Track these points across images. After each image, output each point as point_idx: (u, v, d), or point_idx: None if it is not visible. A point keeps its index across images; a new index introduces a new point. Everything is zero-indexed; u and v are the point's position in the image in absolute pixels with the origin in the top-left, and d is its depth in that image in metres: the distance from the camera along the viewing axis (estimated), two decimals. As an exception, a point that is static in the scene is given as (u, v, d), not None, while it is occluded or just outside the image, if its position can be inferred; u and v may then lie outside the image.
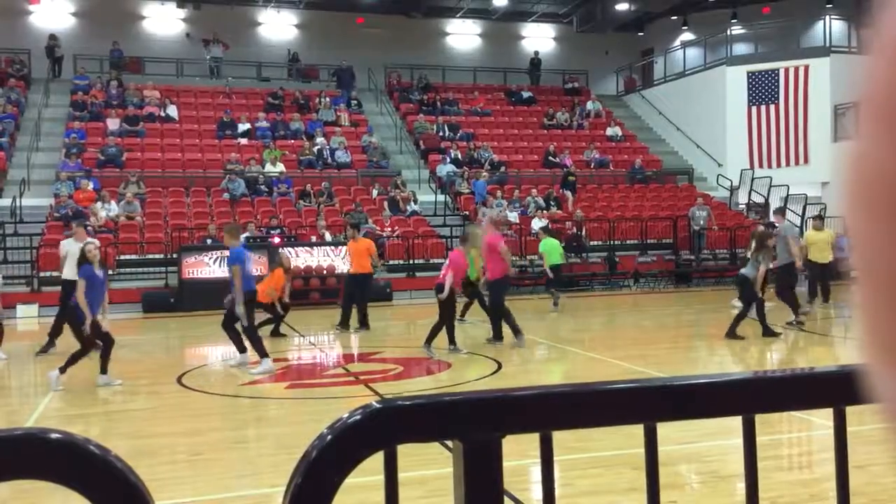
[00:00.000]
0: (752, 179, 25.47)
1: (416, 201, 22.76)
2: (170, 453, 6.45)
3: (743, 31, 29.07)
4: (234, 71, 28.26)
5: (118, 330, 14.04)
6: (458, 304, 11.89)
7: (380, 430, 1.09)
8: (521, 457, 4.03)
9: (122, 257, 19.22)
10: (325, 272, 19.16)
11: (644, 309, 17.10)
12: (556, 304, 16.56)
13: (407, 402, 1.12)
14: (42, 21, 27.98)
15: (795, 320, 12.67)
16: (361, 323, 13.90)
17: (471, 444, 1.10)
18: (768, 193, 24.78)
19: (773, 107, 25.81)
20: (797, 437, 6.69)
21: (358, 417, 1.08)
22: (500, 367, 9.91)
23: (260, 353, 9.94)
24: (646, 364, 9.81)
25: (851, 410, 1.25)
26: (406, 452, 1.13)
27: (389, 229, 21.30)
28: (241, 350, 10.27)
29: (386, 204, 22.32)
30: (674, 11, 31.13)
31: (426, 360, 10.93)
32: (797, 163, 25.36)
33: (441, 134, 26.65)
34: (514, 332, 11.36)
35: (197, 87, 27.61)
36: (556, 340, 12.52)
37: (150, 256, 19.62)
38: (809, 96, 25.14)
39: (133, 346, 13.12)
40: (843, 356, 10.07)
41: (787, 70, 25.64)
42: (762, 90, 25.98)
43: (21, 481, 1.02)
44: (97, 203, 20.06)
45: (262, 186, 22.53)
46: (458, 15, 31.89)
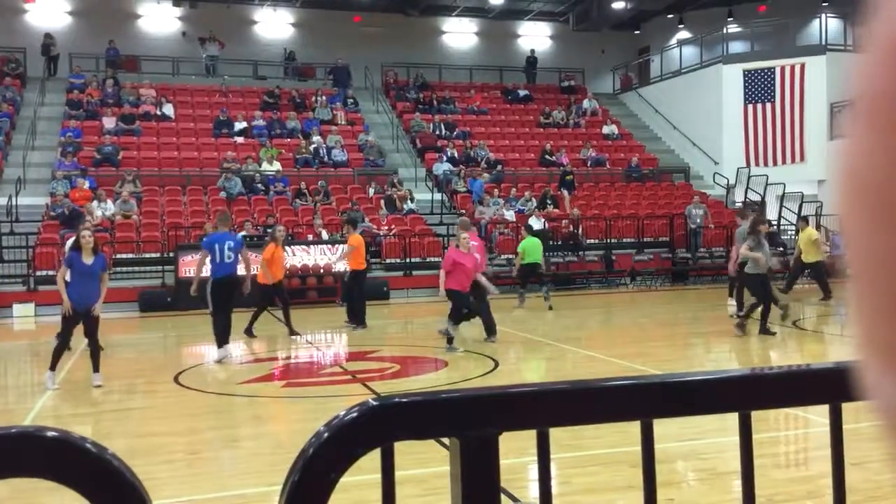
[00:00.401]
0: (749, 178, 25.50)
1: (412, 200, 22.75)
2: (167, 452, 6.44)
3: (739, 29, 29.09)
4: (230, 69, 28.22)
5: (115, 329, 14.05)
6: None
7: (377, 427, 1.09)
8: (518, 454, 4.04)
9: (118, 256, 19.19)
10: (322, 271, 19.15)
11: (641, 307, 17.11)
12: (521, 302, 16.90)
13: (404, 400, 1.12)
14: (38, 19, 27.92)
15: (775, 322, 12.80)
16: (356, 319, 13.99)
17: (468, 441, 1.10)
18: (764, 192, 24.81)
19: (769, 105, 25.84)
20: (793, 434, 6.70)
21: (355, 415, 1.08)
22: (496, 365, 9.92)
23: (218, 341, 10.75)
24: (643, 362, 9.82)
25: (847, 407, 1.26)
26: (402, 450, 1.13)
27: (386, 228, 21.29)
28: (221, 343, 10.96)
29: (382, 202, 22.31)
30: (670, 10, 31.14)
31: (423, 359, 10.95)
32: (793, 161, 25.39)
33: (437, 132, 26.64)
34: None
35: (193, 85, 27.57)
36: (553, 339, 12.52)
37: (147, 255, 19.59)
38: (805, 94, 25.17)
39: (130, 344, 13.11)
40: (839, 353, 10.09)
41: (783, 68, 25.67)
42: (758, 88, 26.01)
43: (18, 480, 1.02)
44: (93, 202, 20.02)
45: (259, 185, 22.51)
46: (454, 13, 31.88)
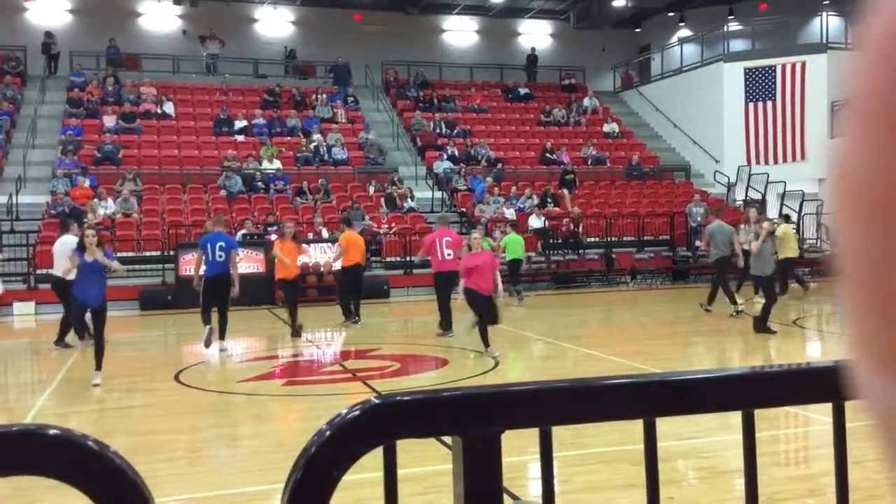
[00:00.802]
0: (750, 176, 25.49)
1: (413, 198, 22.75)
2: (168, 450, 6.44)
3: (740, 27, 29.06)
4: (230, 68, 28.20)
5: (115, 327, 14.04)
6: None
7: (378, 425, 1.09)
8: (519, 453, 4.04)
9: (118, 254, 19.17)
10: (322, 269, 19.13)
11: (641, 305, 17.11)
12: (520, 298, 17.00)
13: (406, 398, 1.12)
14: (38, 18, 27.90)
15: (736, 310, 13.85)
16: (351, 314, 14.26)
17: (470, 439, 1.10)
18: (765, 190, 24.81)
19: (770, 103, 25.82)
20: (794, 432, 6.70)
21: (357, 413, 1.07)
22: (497, 363, 9.92)
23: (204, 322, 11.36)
24: (644, 360, 9.82)
25: (848, 405, 1.26)
26: (403, 448, 1.13)
27: (386, 226, 21.29)
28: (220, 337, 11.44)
29: (383, 200, 22.30)
30: (671, 8, 31.12)
31: (423, 357, 10.94)
32: (794, 159, 25.38)
33: (438, 130, 26.63)
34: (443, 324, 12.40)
35: (193, 84, 27.56)
36: (553, 337, 12.52)
37: (147, 254, 19.59)
38: (806, 93, 25.16)
39: (130, 343, 13.12)
40: (839, 350, 10.09)
41: (783, 66, 25.65)
42: (759, 87, 25.99)
43: (20, 478, 1.02)
44: (95, 200, 20.02)
45: (259, 183, 22.51)
46: (454, 11, 31.86)
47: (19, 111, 24.65)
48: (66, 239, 11.90)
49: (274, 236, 18.86)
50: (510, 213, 22.14)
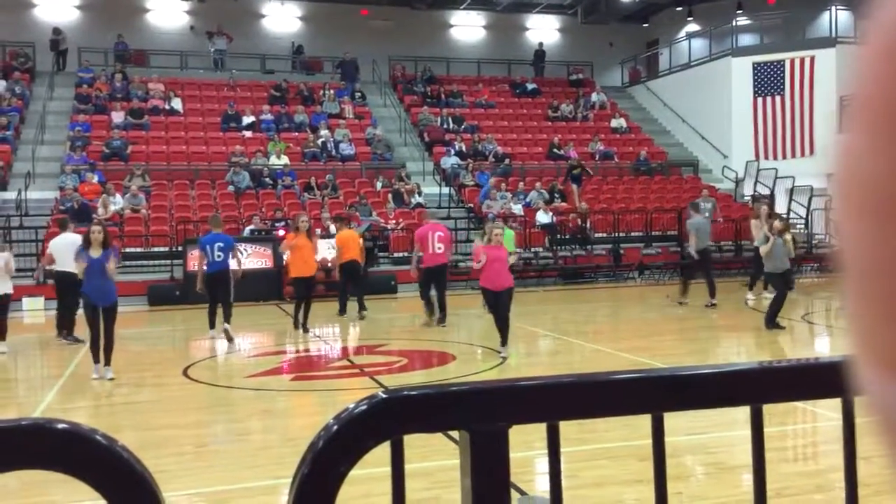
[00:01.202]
0: (758, 171, 25.39)
1: (420, 193, 22.73)
2: (176, 445, 6.47)
3: (748, 22, 28.92)
4: (238, 63, 28.22)
5: (124, 322, 14.09)
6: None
7: (386, 420, 1.09)
8: (525, 448, 4.04)
9: (127, 250, 19.25)
10: (329, 265, 19.15)
11: (649, 301, 17.07)
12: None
13: (413, 393, 1.12)
14: (46, 14, 27.98)
15: (711, 302, 14.83)
16: (353, 309, 14.66)
17: (477, 434, 1.10)
18: (774, 185, 24.71)
19: (778, 98, 25.71)
20: (801, 428, 6.69)
21: (364, 408, 1.08)
22: (504, 359, 9.91)
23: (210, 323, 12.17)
24: (651, 356, 9.81)
25: (858, 401, 1.25)
26: (409, 443, 1.13)
27: (394, 222, 21.29)
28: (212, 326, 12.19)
29: (390, 196, 22.30)
30: (679, 2, 30.99)
31: (430, 353, 10.95)
32: (803, 154, 25.26)
33: (445, 126, 26.60)
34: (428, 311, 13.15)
35: (201, 79, 27.59)
36: (561, 332, 12.52)
37: (156, 249, 19.64)
38: (815, 87, 25.03)
39: (139, 338, 13.16)
40: (847, 346, 10.04)
41: (792, 61, 25.53)
42: (768, 81, 25.88)
43: (29, 472, 1.02)
44: (107, 196, 20.07)
45: (267, 179, 22.53)
46: (462, 6, 31.81)
47: (28, 107, 24.73)
48: (67, 236, 11.91)
49: (282, 231, 18.95)
50: (517, 209, 22.11)
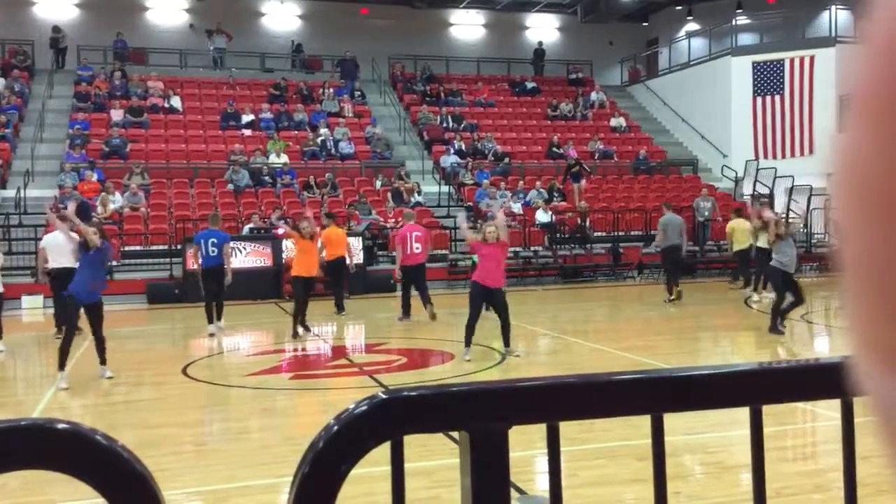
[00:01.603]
0: (757, 170, 25.38)
1: (419, 192, 22.74)
2: (175, 443, 6.47)
3: (748, 21, 28.92)
4: (237, 62, 28.21)
5: (123, 321, 14.10)
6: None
7: (386, 420, 1.09)
8: (525, 447, 4.04)
9: (126, 248, 19.25)
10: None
11: (648, 300, 17.07)
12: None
13: (413, 393, 1.12)
14: (46, 12, 27.96)
15: (669, 298, 15.47)
16: (339, 306, 14.91)
17: (478, 434, 1.10)
18: (773, 184, 24.70)
19: (778, 97, 25.72)
20: (801, 428, 6.69)
21: (364, 408, 1.08)
22: (503, 357, 9.92)
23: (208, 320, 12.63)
24: (650, 355, 9.81)
25: (858, 401, 1.25)
26: (409, 442, 1.13)
27: (393, 220, 21.28)
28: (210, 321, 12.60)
29: (390, 195, 22.30)
30: (678, 1, 30.99)
31: (430, 351, 10.96)
32: (802, 153, 25.27)
33: (445, 125, 26.60)
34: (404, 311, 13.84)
35: (200, 78, 27.58)
36: (560, 332, 12.52)
37: (155, 248, 19.64)
38: (815, 87, 25.03)
39: (138, 336, 13.16)
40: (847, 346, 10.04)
41: (792, 60, 25.53)
42: (767, 81, 25.88)
43: (28, 471, 1.02)
44: (104, 194, 20.06)
45: (266, 178, 22.53)
46: (461, 5, 31.80)
47: (27, 105, 24.71)
48: (58, 234, 11.89)
49: (281, 230, 18.93)
50: (517, 208, 22.11)
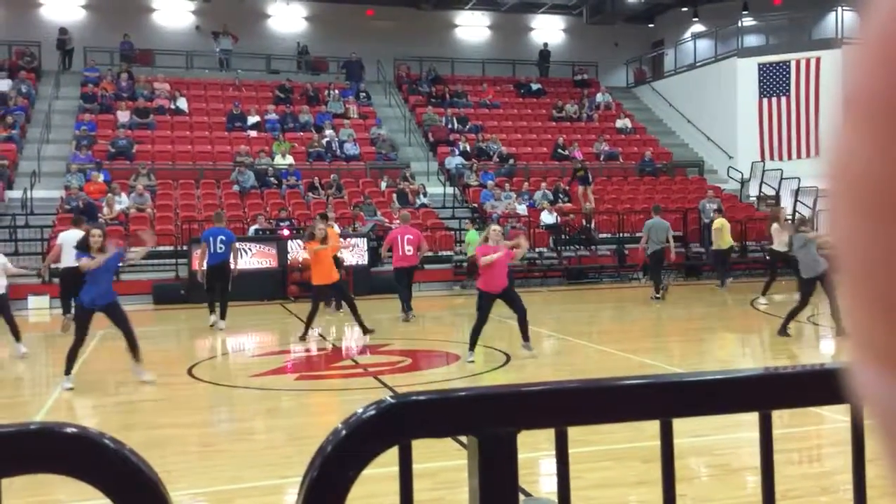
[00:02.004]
0: (763, 172, 25.34)
1: (425, 194, 22.75)
2: (180, 444, 6.48)
3: (754, 22, 28.87)
4: (243, 63, 28.26)
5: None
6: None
7: (394, 425, 1.09)
8: (531, 450, 4.04)
9: (132, 249, 19.26)
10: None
11: (653, 302, 17.04)
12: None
13: (421, 398, 1.12)
14: (52, 13, 28.04)
15: (655, 296, 16.18)
16: (337, 306, 15.24)
17: (486, 439, 1.09)
18: (779, 186, 24.66)
19: (784, 99, 25.67)
20: (806, 430, 6.67)
21: (372, 413, 1.07)
22: (508, 359, 9.91)
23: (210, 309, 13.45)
24: (656, 357, 9.79)
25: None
26: (414, 444, 1.13)
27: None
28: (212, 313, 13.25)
29: (395, 196, 22.31)
30: (684, 3, 30.95)
31: (434, 353, 10.95)
32: (808, 155, 25.22)
33: (450, 126, 26.60)
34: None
35: (207, 79, 27.63)
36: (565, 333, 12.51)
37: (161, 248, 19.64)
38: (821, 88, 24.97)
39: (143, 337, 13.12)
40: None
41: (798, 62, 25.48)
42: (773, 82, 25.83)
43: (36, 474, 1.02)
44: (112, 195, 20.11)
45: (272, 179, 22.56)
46: (467, 7, 31.80)
47: (34, 106, 24.79)
48: (78, 232, 11.97)
49: (286, 231, 18.98)
50: (522, 209, 22.11)
